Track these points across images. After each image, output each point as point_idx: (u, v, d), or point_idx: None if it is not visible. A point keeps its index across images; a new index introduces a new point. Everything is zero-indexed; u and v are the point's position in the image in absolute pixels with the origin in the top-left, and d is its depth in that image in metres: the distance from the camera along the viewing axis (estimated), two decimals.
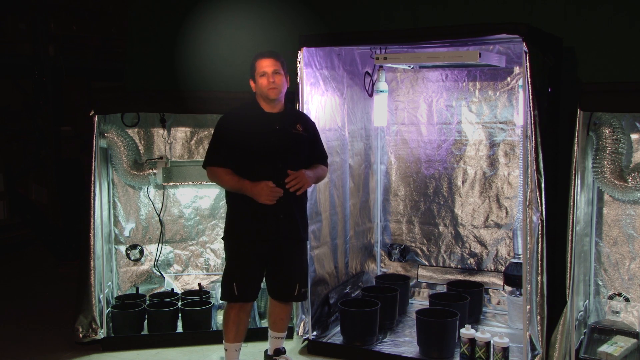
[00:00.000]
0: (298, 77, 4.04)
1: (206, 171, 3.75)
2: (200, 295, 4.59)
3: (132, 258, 4.81)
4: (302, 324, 4.23)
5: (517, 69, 4.52)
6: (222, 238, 3.80)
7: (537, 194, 3.50)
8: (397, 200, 5.11)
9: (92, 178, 4.24)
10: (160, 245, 4.83)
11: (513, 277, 4.33)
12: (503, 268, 4.66)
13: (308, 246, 4.11)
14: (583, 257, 3.87)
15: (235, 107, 3.82)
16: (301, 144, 3.72)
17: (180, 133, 4.83)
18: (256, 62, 3.67)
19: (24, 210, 7.69)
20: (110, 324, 4.42)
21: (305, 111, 4.06)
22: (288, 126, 3.70)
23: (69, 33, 7.64)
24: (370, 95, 4.89)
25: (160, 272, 4.86)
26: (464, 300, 4.36)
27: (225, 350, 3.78)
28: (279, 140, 3.64)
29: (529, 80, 3.43)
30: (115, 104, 4.49)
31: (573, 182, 3.63)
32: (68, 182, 7.25)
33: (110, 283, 4.62)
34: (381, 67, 4.61)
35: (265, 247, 3.66)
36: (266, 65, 3.63)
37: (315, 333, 4.24)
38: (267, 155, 3.60)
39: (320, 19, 4.94)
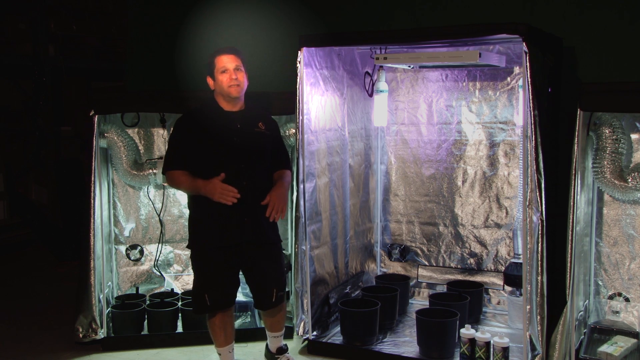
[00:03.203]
0: (298, 77, 4.02)
1: (166, 177, 3.61)
2: None
3: (132, 258, 4.81)
4: (302, 324, 4.22)
5: (517, 69, 4.52)
6: (187, 246, 3.65)
7: (537, 194, 3.50)
8: (397, 200, 5.11)
9: (92, 178, 4.24)
10: (160, 245, 4.84)
11: (513, 277, 4.33)
12: (503, 268, 4.67)
13: (308, 246, 4.10)
14: (583, 257, 3.87)
15: (194, 108, 3.68)
16: (264, 143, 3.60)
17: None
18: (215, 58, 3.53)
19: (24, 210, 7.69)
20: (110, 324, 4.42)
21: (305, 111, 4.05)
22: (250, 125, 3.58)
23: (69, 33, 7.65)
24: (370, 95, 4.89)
25: (160, 272, 4.86)
26: (464, 300, 4.36)
27: (219, 354, 3.75)
28: (241, 140, 3.51)
29: (529, 80, 3.42)
30: (115, 104, 4.49)
31: (573, 182, 3.63)
32: (68, 182, 7.25)
33: (110, 283, 4.62)
34: (381, 67, 4.61)
35: (232, 252, 3.53)
36: (227, 61, 3.50)
37: (315, 333, 4.24)
38: (229, 156, 3.48)
39: (320, 19, 4.94)
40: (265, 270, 3.66)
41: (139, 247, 4.82)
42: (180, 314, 4.49)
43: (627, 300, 4.01)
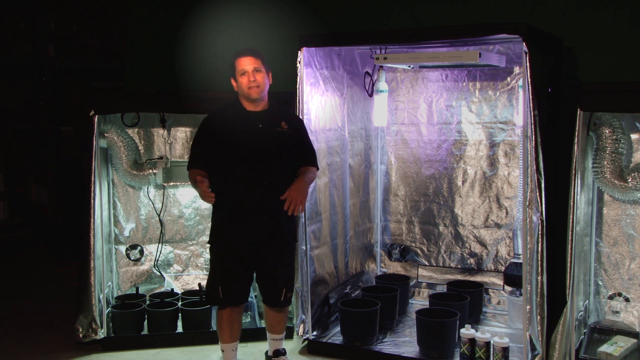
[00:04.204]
0: (298, 77, 4.03)
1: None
2: (200, 295, 4.59)
3: (132, 258, 4.81)
4: (302, 324, 4.23)
5: (517, 69, 4.52)
6: (208, 242, 3.74)
7: (537, 194, 3.50)
8: (397, 200, 5.11)
9: (92, 178, 4.24)
10: (160, 245, 4.83)
11: (513, 277, 4.33)
12: (503, 268, 4.67)
13: (308, 246, 4.11)
14: (583, 257, 3.87)
15: (218, 108, 3.75)
16: (286, 142, 3.63)
17: (180, 133, 4.83)
18: (235, 61, 3.57)
19: (24, 210, 7.69)
20: (110, 324, 4.42)
21: (305, 111, 4.05)
22: (272, 124, 3.62)
23: (69, 33, 7.65)
24: (370, 95, 4.89)
25: (160, 272, 4.86)
26: (464, 300, 4.36)
27: (222, 351, 3.77)
28: (262, 140, 3.56)
29: (529, 80, 3.43)
30: (115, 104, 4.49)
31: (573, 182, 3.63)
32: (68, 182, 7.25)
33: (110, 283, 4.62)
34: (381, 67, 4.61)
35: (248, 249, 3.59)
36: (246, 63, 3.54)
37: (315, 333, 4.24)
38: (248, 155, 3.53)
39: (320, 19, 4.94)
40: (278, 270, 3.70)
41: (139, 247, 4.82)
42: (180, 314, 4.49)
43: (627, 300, 4.01)
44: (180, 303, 4.53)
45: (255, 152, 3.54)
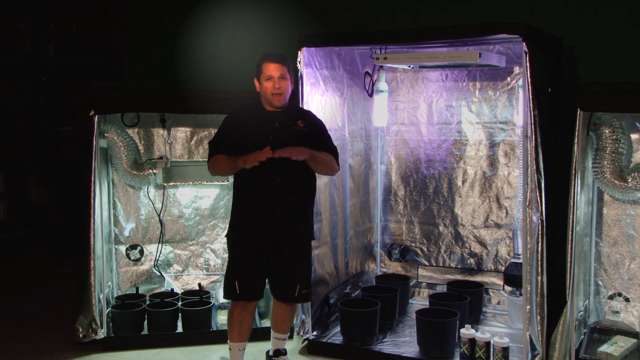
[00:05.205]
0: (298, 77, 4.03)
1: (208, 167, 3.73)
2: (200, 295, 4.59)
3: (132, 258, 4.81)
4: (302, 324, 4.23)
5: (517, 69, 4.52)
6: (225, 235, 3.79)
7: (537, 194, 3.50)
8: (397, 200, 5.11)
9: (92, 178, 4.24)
10: (160, 245, 4.83)
11: (513, 277, 4.33)
12: (503, 268, 4.67)
13: None
14: (583, 257, 3.88)
15: (240, 107, 3.83)
16: (302, 141, 3.65)
17: (180, 133, 4.83)
18: (263, 64, 3.62)
19: (24, 210, 7.69)
20: (110, 324, 4.42)
21: None
22: (288, 123, 3.66)
23: (69, 33, 7.66)
24: (370, 95, 4.89)
25: (160, 272, 4.86)
26: (464, 300, 4.36)
27: (230, 349, 3.78)
28: (278, 138, 3.60)
29: (529, 80, 3.43)
30: (115, 104, 4.50)
31: (573, 182, 3.63)
32: (68, 182, 7.25)
33: (110, 283, 4.62)
34: (381, 67, 4.62)
35: (263, 244, 3.63)
36: (273, 69, 3.59)
37: (315, 333, 4.24)
38: None
39: (320, 19, 4.94)
40: (293, 265, 3.72)
41: (139, 247, 4.82)
42: (180, 314, 4.49)
43: (627, 300, 4.01)
44: (180, 303, 4.53)
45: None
